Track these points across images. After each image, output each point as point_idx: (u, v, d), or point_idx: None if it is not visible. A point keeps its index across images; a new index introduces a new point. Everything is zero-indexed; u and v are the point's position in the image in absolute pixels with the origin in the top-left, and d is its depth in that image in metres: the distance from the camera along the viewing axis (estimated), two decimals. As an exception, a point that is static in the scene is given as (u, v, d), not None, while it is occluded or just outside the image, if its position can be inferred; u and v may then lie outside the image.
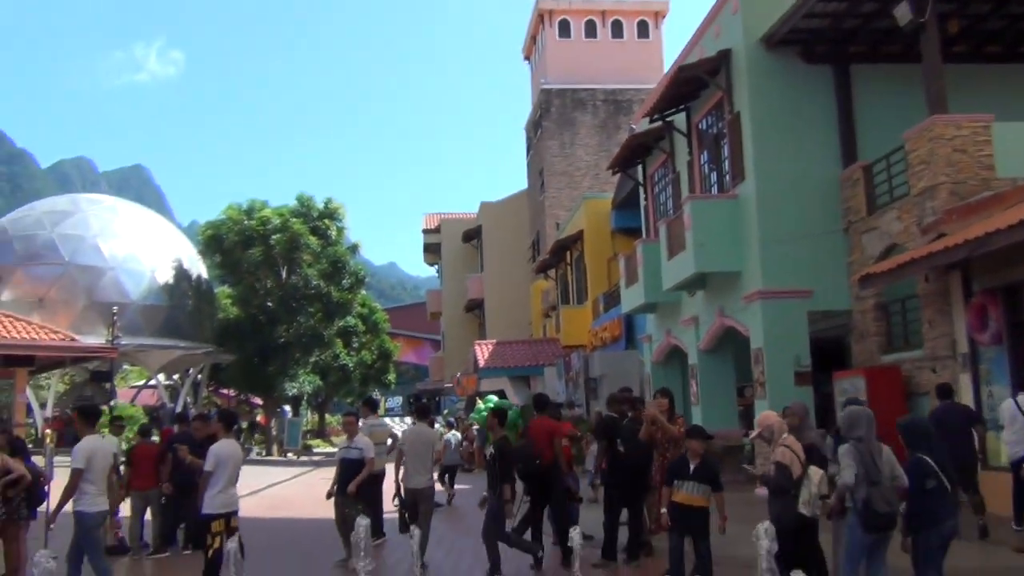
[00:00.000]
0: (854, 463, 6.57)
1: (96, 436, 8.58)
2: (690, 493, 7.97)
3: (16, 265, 32.45)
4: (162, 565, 11.08)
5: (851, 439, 6.74)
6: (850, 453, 6.62)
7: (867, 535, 6.57)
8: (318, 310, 36.59)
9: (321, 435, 47.01)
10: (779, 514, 7.18)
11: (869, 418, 6.95)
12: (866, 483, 6.52)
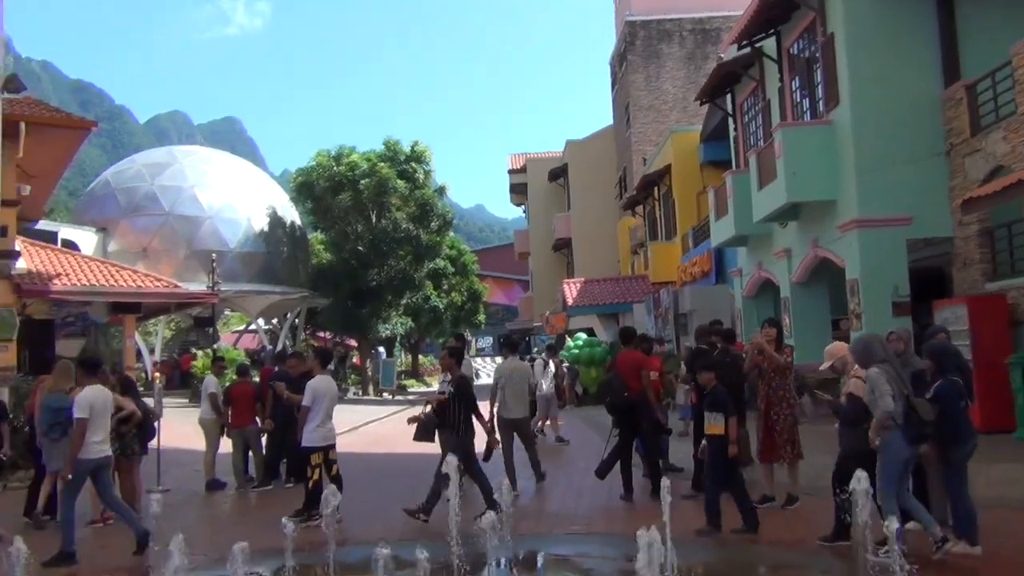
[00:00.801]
0: (889, 385, 6.68)
1: (96, 387, 8.70)
2: (710, 423, 8.25)
3: (120, 217, 33.79)
4: (266, 497, 11.58)
5: (875, 365, 6.83)
6: (882, 377, 6.72)
7: (909, 449, 6.75)
8: (408, 253, 37.09)
9: (415, 375, 48.01)
10: (852, 445, 7.20)
11: (881, 341, 7.20)
12: (903, 399, 6.68)
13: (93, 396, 8.48)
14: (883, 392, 6.66)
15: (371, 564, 7.62)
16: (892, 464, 6.78)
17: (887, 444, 6.78)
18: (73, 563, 7.79)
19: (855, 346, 7.44)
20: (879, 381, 6.72)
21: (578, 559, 7.87)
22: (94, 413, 8.34)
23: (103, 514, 9.67)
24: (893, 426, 6.70)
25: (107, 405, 8.64)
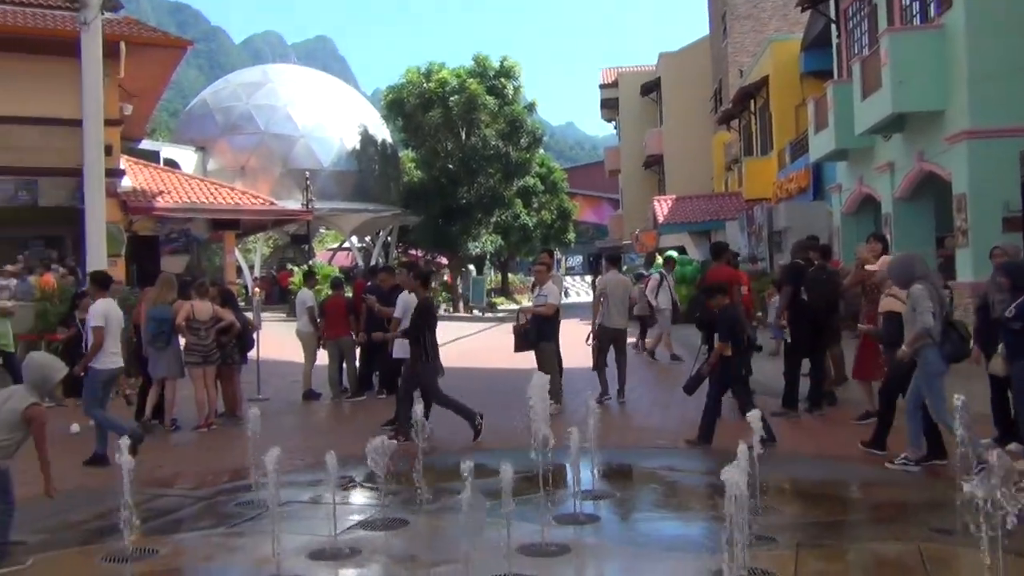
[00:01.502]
0: (931, 302, 6.72)
1: (108, 300, 8.89)
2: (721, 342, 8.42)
3: (218, 136, 34.57)
4: (359, 407, 11.93)
5: (917, 282, 6.85)
6: (925, 293, 6.75)
7: (945, 366, 6.83)
8: (497, 170, 37.00)
9: (504, 293, 48.38)
10: (896, 365, 7.19)
11: (920, 259, 7.24)
12: (942, 318, 6.77)
13: (105, 309, 8.71)
14: (924, 308, 6.70)
15: (458, 472, 7.84)
16: (932, 380, 6.85)
17: (925, 361, 6.85)
18: (106, 464, 8.03)
19: (894, 265, 7.41)
20: (922, 297, 6.74)
21: (664, 472, 7.89)
22: (109, 324, 8.56)
23: (207, 419, 10.14)
24: (931, 343, 6.75)
25: (120, 320, 8.81)
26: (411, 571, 5.29)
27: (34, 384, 5.59)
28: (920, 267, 7.05)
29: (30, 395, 5.50)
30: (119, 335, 8.75)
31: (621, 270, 14.79)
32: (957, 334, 6.88)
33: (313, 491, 7.17)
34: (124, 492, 5.50)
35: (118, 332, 8.73)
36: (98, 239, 14.43)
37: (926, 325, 6.69)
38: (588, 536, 5.83)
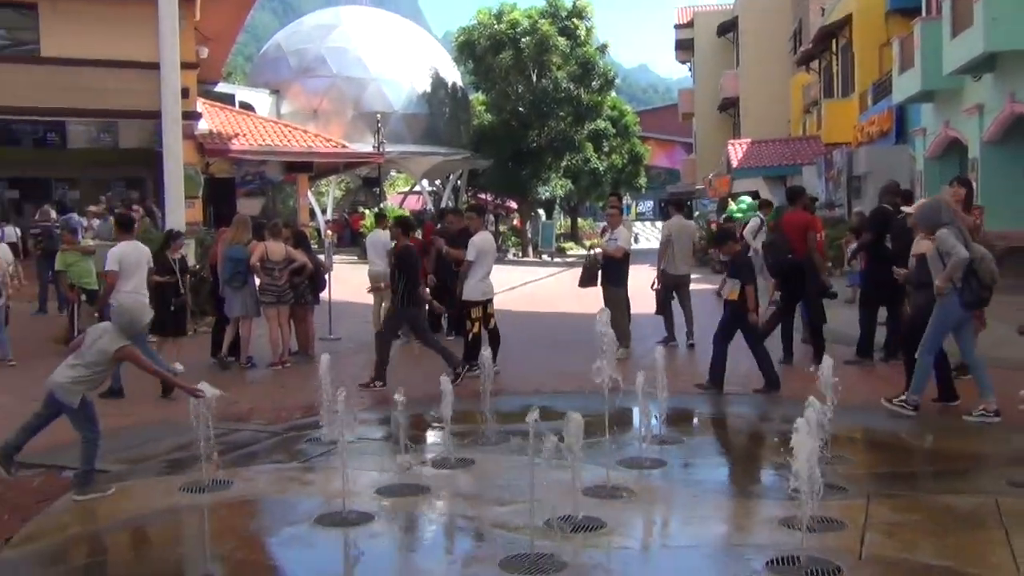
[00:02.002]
0: (959, 240, 6.86)
1: (129, 243, 9.08)
2: (730, 288, 8.48)
3: (292, 79, 34.83)
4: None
5: (944, 227, 6.98)
6: (951, 235, 6.89)
7: (963, 312, 7.01)
8: (568, 113, 36.57)
9: (574, 238, 48.16)
10: (921, 305, 7.48)
11: (946, 205, 7.36)
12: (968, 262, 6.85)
13: (123, 251, 8.89)
14: (953, 244, 6.83)
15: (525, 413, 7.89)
16: (943, 323, 7.09)
17: (944, 303, 7.02)
18: (121, 397, 8.45)
19: (920, 210, 7.56)
20: (949, 238, 6.89)
21: (732, 418, 7.83)
22: (125, 266, 8.81)
23: (280, 357, 10.38)
24: (951, 288, 6.90)
25: (141, 260, 8.97)
26: (477, 509, 5.36)
27: (122, 328, 5.78)
28: (946, 214, 7.16)
29: (120, 338, 5.70)
30: (138, 276, 8.95)
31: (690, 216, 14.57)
32: (977, 282, 6.91)
33: (382, 429, 7.30)
34: (202, 426, 5.69)
35: (136, 273, 8.92)
36: (176, 181, 14.73)
37: (961, 256, 6.77)
38: (653, 480, 5.83)
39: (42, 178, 24.94)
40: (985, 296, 7.02)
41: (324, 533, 4.86)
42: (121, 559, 4.86)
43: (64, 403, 5.58)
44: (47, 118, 21.45)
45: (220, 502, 5.50)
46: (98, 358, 5.64)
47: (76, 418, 5.63)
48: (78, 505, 5.46)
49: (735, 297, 8.40)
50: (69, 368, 5.62)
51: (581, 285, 11.10)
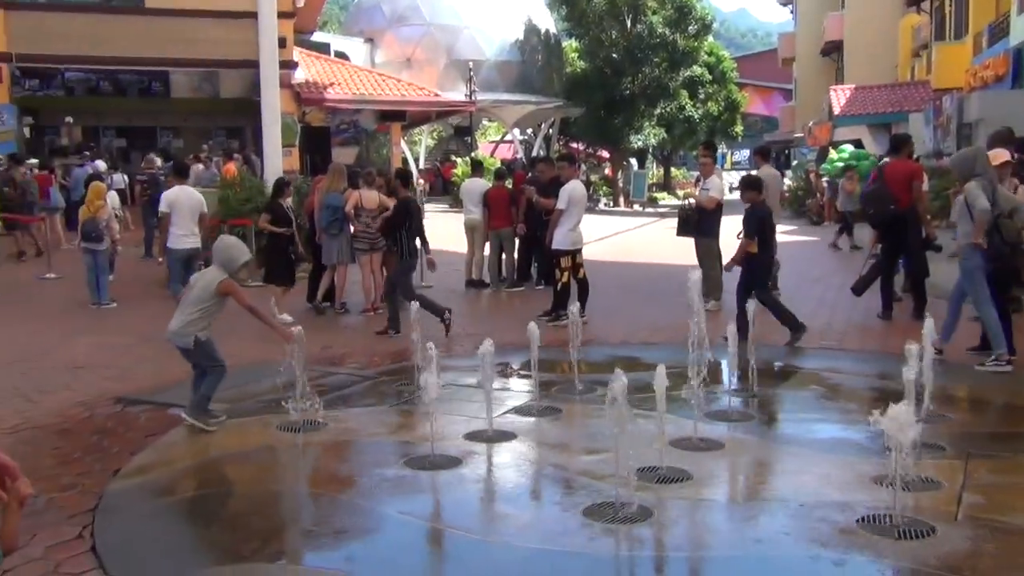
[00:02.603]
0: (985, 195, 6.99)
1: (181, 188, 9.94)
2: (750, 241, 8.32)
3: (386, 28, 34.94)
4: (518, 297, 12.13)
5: (975, 178, 7.12)
6: (979, 188, 7.04)
7: (987, 264, 7.13)
8: (663, 60, 35.73)
9: (666, 188, 47.37)
10: None
11: (984, 156, 7.42)
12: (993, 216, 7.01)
13: (175, 196, 9.81)
14: (976, 196, 7.00)
15: (613, 364, 7.88)
16: (972, 273, 7.21)
17: (966, 258, 7.22)
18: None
19: (955, 159, 7.67)
20: (975, 191, 7.05)
21: (825, 373, 7.64)
22: (177, 210, 9.65)
23: (373, 304, 10.59)
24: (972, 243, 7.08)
25: (192, 205, 9.70)
26: (563, 457, 5.41)
27: (221, 264, 6.01)
28: (980, 164, 7.25)
29: (221, 272, 5.96)
30: (190, 218, 9.67)
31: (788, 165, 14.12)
32: (999, 236, 7.06)
33: (471, 376, 7.41)
34: (298, 368, 5.88)
35: (189, 215, 9.64)
36: (273, 129, 15.02)
37: (983, 208, 6.96)
38: (741, 433, 5.76)
39: (147, 127, 25.82)
40: (1005, 251, 7.13)
41: (412, 475, 4.99)
42: (220, 493, 5.09)
43: (180, 346, 5.86)
44: (152, 68, 22.14)
45: (314, 442, 5.69)
46: (202, 295, 5.90)
47: (194, 358, 5.93)
48: (182, 439, 5.74)
49: (754, 250, 8.25)
50: (179, 313, 5.93)
51: (679, 234, 10.95)
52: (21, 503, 2.47)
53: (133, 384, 7.21)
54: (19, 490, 2.46)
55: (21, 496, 2.46)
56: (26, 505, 2.54)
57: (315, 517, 4.55)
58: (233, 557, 4.03)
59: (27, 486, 2.50)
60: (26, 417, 6.25)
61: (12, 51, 21.23)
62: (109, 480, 4.94)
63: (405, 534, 4.35)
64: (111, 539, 4.15)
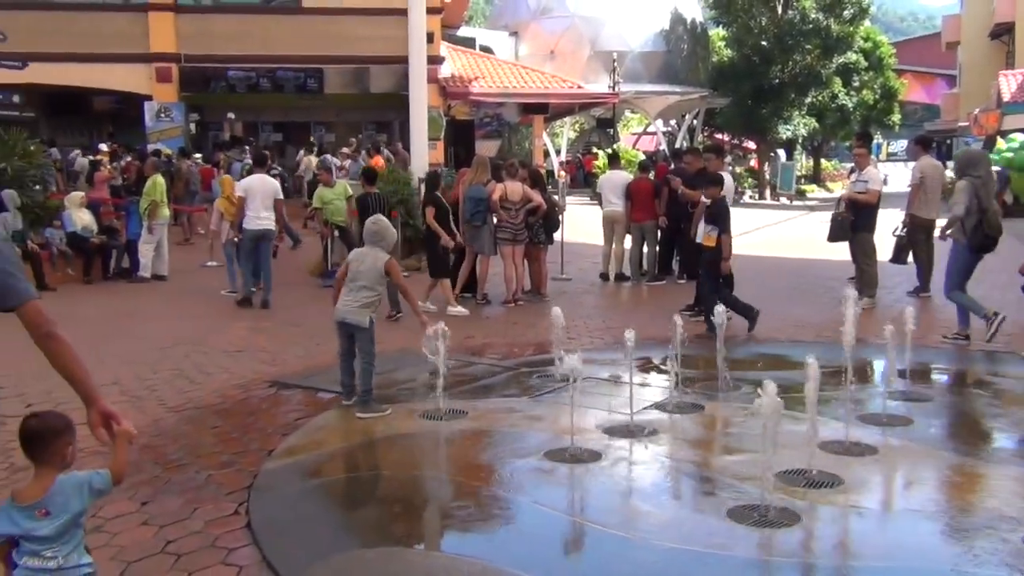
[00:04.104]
0: (967, 196, 7.85)
1: (257, 176, 10.97)
2: (705, 234, 8.59)
3: (530, 20, 35.15)
4: (658, 291, 11.96)
5: (967, 176, 7.97)
6: (966, 189, 7.90)
7: (973, 256, 8.05)
8: (815, 46, 34.36)
9: (815, 180, 45.61)
10: None
11: (986, 158, 8.53)
12: (978, 212, 7.82)
13: (250, 182, 10.84)
14: (958, 200, 7.93)
15: (759, 361, 7.64)
16: (953, 264, 8.18)
17: (955, 247, 8.16)
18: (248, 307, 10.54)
19: (958, 157, 8.74)
20: (961, 192, 7.91)
21: (990, 377, 7.15)
22: (250, 194, 10.59)
23: (514, 295, 10.67)
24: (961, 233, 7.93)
25: (265, 191, 10.73)
26: (705, 456, 5.29)
27: (376, 243, 6.25)
28: (979, 167, 8.06)
29: (384, 253, 6.23)
30: (262, 203, 10.67)
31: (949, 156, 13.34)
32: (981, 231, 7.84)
33: (611, 370, 7.34)
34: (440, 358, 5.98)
35: (260, 200, 10.66)
36: (421, 123, 15.34)
37: (956, 214, 7.93)
38: (896, 438, 5.46)
39: (302, 122, 26.95)
40: (987, 244, 7.96)
41: (552, 467, 4.99)
42: (366, 477, 5.25)
43: (358, 326, 6.08)
44: (307, 66, 23.07)
45: (455, 430, 5.78)
46: (374, 275, 6.15)
47: (364, 338, 6.13)
48: (330, 423, 5.95)
49: (712, 243, 8.47)
50: (353, 294, 6.12)
51: (831, 240, 10.48)
52: (129, 442, 2.90)
53: (284, 368, 7.53)
54: (126, 431, 2.88)
55: (128, 436, 2.89)
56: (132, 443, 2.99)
57: (456, 504, 4.62)
58: (377, 540, 4.14)
59: (131, 427, 2.91)
60: (189, 397, 6.63)
61: (181, 52, 22.59)
62: (263, 460, 5.17)
63: (544, 525, 4.35)
64: (264, 517, 4.34)
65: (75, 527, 2.76)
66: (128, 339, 8.74)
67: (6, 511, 2.71)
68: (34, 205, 12.80)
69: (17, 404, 6.18)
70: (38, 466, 2.76)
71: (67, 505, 2.71)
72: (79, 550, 2.78)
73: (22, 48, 16.61)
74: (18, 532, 2.69)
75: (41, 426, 2.75)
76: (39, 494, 2.71)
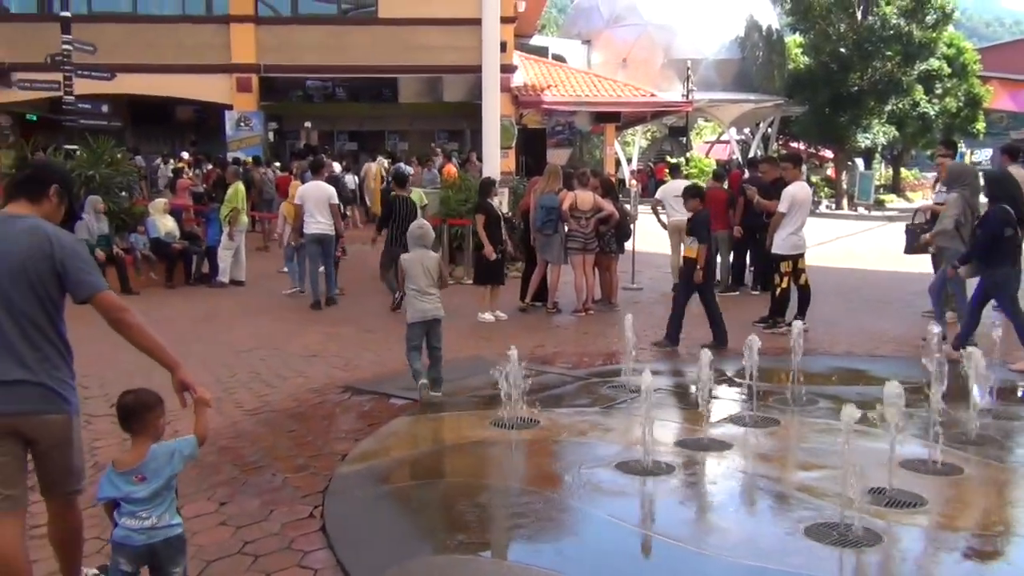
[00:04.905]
0: (958, 209, 8.33)
1: (313, 183, 11.58)
2: (687, 246, 8.71)
3: (603, 28, 35.08)
4: (731, 301, 11.75)
5: (956, 189, 8.43)
6: (956, 202, 8.37)
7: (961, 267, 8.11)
8: (896, 53, 33.50)
9: (895, 190, 44.41)
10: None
11: (974, 172, 8.94)
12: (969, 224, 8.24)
13: (306, 189, 11.48)
14: (949, 214, 8.38)
15: (835, 376, 7.47)
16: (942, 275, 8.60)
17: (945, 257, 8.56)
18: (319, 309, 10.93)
19: (951, 169, 9.13)
20: (952, 206, 8.41)
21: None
22: (306, 200, 11.19)
23: (584, 304, 10.62)
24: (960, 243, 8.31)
25: (320, 197, 11.18)
26: (780, 472, 5.17)
27: (424, 244, 6.81)
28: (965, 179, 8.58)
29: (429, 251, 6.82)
30: (317, 208, 11.13)
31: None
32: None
33: (682, 381, 7.25)
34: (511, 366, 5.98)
35: (317, 206, 11.13)
36: (493, 132, 15.40)
37: (944, 227, 8.39)
38: (983, 458, 5.27)
39: (376, 131, 27.37)
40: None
41: (624, 479, 4.94)
42: (437, 484, 5.27)
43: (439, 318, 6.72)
44: (382, 75, 23.42)
45: (526, 439, 5.77)
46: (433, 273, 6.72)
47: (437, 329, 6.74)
48: (401, 429, 6.00)
49: (693, 255, 8.56)
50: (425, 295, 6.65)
51: (907, 252, 10.19)
52: (206, 406, 3.36)
53: (357, 373, 7.62)
54: (202, 398, 3.36)
55: (204, 402, 3.36)
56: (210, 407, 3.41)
57: (527, 514, 4.60)
58: (448, 547, 4.15)
59: (206, 393, 3.38)
60: (265, 400, 6.76)
61: (261, 62, 23.16)
62: (337, 464, 5.24)
63: (616, 538, 4.31)
64: (339, 521, 4.39)
65: (167, 490, 3.18)
66: (207, 342, 8.96)
67: (109, 477, 3.15)
68: (120, 211, 13.22)
69: (103, 404, 6.39)
70: (134, 437, 3.21)
71: (160, 471, 3.16)
72: (171, 511, 3.19)
73: (110, 59, 17.19)
74: (119, 495, 3.13)
75: (136, 402, 3.22)
76: (136, 461, 3.15)
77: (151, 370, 3.65)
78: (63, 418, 3.28)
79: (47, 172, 3.58)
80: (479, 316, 10.10)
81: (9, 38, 22.17)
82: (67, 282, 3.23)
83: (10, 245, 3.20)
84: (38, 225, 3.27)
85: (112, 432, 5.83)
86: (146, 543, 3.11)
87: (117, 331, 3.30)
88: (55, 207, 3.44)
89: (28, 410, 3.19)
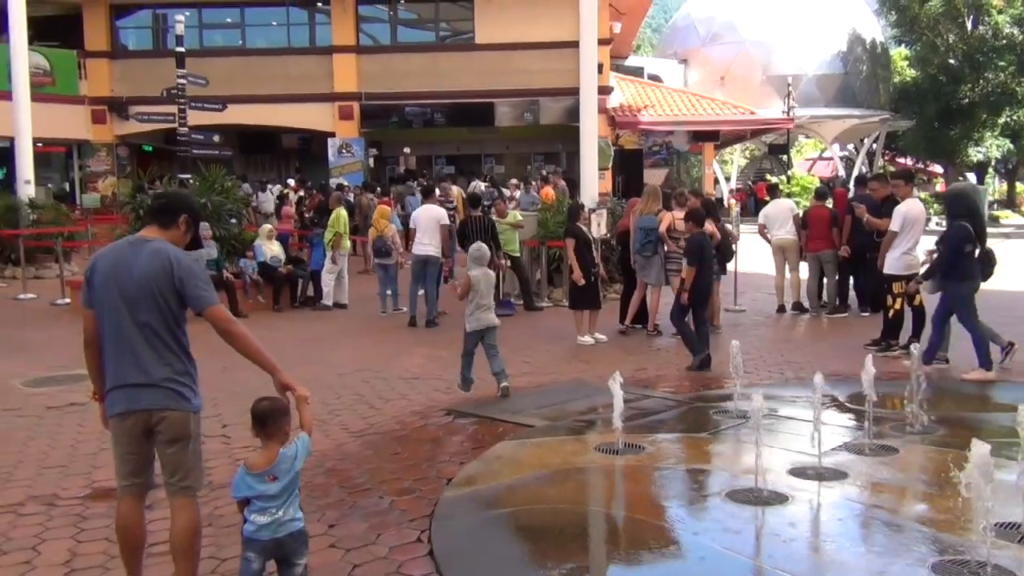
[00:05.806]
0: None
1: (424, 206, 12.13)
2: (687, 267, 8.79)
3: (699, 47, 34.77)
4: (838, 323, 11.39)
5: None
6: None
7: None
8: (1010, 63, 32.14)
9: (1010, 205, 42.48)
10: None
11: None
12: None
13: (417, 213, 12.07)
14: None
15: (955, 400, 7.11)
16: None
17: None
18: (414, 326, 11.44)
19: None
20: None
21: None
22: (417, 223, 11.79)
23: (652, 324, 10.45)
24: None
25: (429, 219, 11.69)
26: (900, 503, 4.94)
27: (480, 264, 7.61)
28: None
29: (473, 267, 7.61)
30: (426, 231, 11.65)
31: None
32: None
33: (792, 407, 7.02)
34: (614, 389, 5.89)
35: (424, 228, 11.67)
36: (591, 154, 15.38)
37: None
38: None
39: (473, 154, 27.69)
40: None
41: (737, 509, 4.78)
42: (543, 509, 5.20)
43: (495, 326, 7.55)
44: (480, 100, 23.71)
45: (633, 465, 5.67)
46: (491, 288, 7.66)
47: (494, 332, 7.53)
48: (506, 453, 5.98)
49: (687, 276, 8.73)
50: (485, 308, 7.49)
51: None
52: (306, 403, 3.67)
53: (459, 396, 7.64)
54: (301, 396, 3.65)
55: (303, 399, 3.65)
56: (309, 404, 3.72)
57: (636, 543, 4.50)
58: (556, 575, 4.09)
59: (304, 390, 3.68)
60: (370, 423, 6.84)
61: (362, 90, 23.75)
62: (442, 488, 5.25)
63: (728, 570, 4.17)
64: (446, 546, 4.38)
65: (293, 486, 3.53)
66: (312, 364, 9.13)
67: (243, 478, 3.48)
68: (230, 237, 13.67)
69: (215, 424, 6.57)
70: (265, 440, 3.55)
71: (288, 470, 3.51)
72: (295, 506, 3.54)
73: (220, 91, 17.94)
74: (253, 495, 3.46)
75: (271, 407, 3.57)
76: (268, 464, 3.49)
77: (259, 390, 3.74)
78: (183, 415, 3.64)
79: (179, 202, 3.91)
80: (578, 339, 10.03)
81: (127, 74, 23.38)
82: (185, 296, 3.62)
83: (139, 263, 3.61)
84: (162, 247, 3.66)
85: (222, 452, 5.99)
86: (272, 536, 3.45)
87: (226, 340, 3.67)
88: (182, 234, 3.82)
89: (152, 406, 3.58)
